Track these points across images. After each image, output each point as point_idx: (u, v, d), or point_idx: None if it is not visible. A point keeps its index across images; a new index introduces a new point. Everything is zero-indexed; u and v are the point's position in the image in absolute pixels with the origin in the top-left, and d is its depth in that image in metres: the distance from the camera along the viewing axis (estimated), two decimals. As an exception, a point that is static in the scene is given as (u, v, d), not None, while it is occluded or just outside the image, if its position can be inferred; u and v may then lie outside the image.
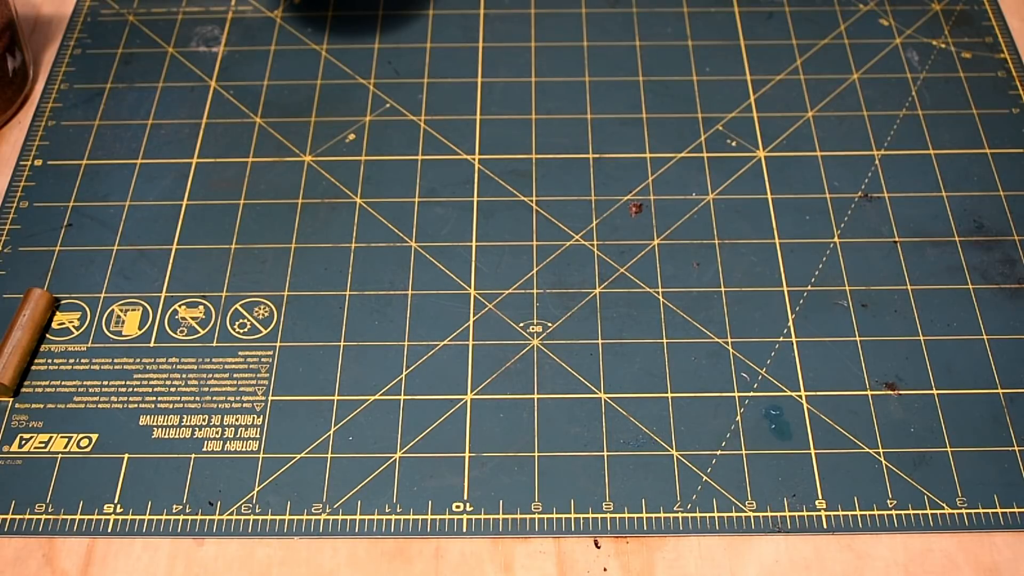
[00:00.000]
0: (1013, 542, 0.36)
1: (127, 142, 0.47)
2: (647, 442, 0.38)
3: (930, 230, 0.44)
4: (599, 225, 0.44)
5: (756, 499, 0.37)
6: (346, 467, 0.38)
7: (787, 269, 0.43)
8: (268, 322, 0.42)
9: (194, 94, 0.49)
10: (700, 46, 0.51)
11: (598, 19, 0.52)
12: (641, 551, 0.36)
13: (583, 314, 0.42)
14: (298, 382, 0.40)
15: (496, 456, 0.38)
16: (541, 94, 0.49)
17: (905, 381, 0.40)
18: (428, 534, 0.36)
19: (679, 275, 0.43)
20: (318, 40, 0.51)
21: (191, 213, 0.45)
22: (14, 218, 0.45)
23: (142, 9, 0.53)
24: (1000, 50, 0.51)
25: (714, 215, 0.45)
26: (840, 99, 0.49)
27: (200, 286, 0.43)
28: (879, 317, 0.41)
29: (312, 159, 0.47)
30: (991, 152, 0.47)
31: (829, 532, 0.36)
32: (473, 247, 0.44)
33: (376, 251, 0.44)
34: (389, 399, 0.39)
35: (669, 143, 0.47)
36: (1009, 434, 0.38)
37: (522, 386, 0.40)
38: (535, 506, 0.37)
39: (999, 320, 0.41)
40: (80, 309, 0.42)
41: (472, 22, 0.52)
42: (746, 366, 0.40)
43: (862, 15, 0.52)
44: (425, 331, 0.41)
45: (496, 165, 0.46)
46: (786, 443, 0.38)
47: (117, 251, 0.44)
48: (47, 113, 0.48)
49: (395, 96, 0.49)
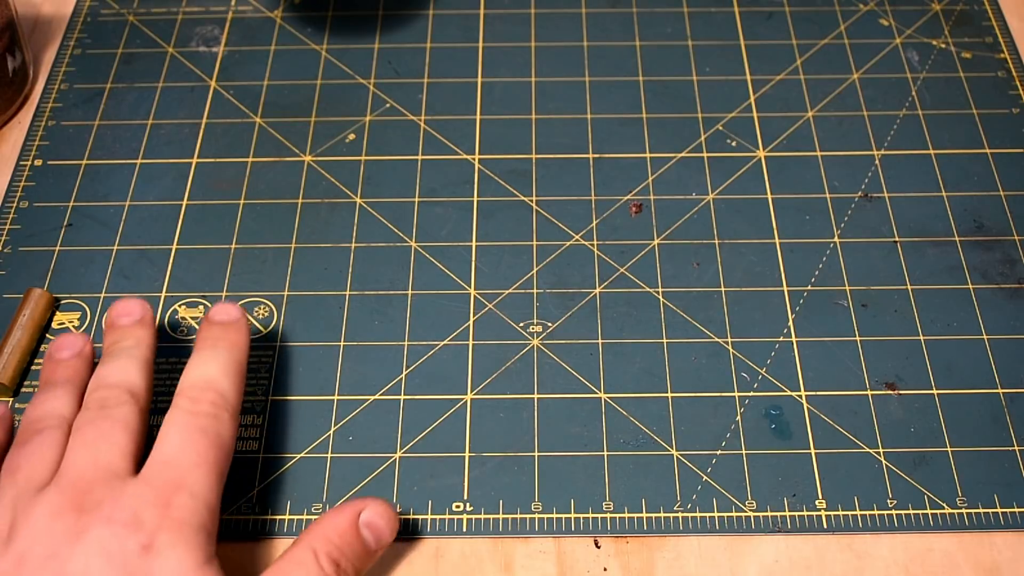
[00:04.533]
0: (1013, 542, 0.36)
1: (127, 142, 0.47)
2: (647, 442, 0.38)
3: (930, 230, 0.44)
4: (599, 225, 0.44)
5: (756, 499, 0.37)
6: (346, 467, 0.38)
7: (787, 269, 0.43)
8: (268, 322, 0.42)
9: (194, 94, 0.49)
10: (700, 46, 0.51)
11: (598, 19, 0.52)
12: (641, 551, 0.36)
13: (583, 314, 0.42)
14: (298, 382, 0.40)
15: (496, 456, 0.38)
16: (541, 94, 0.49)
17: (905, 381, 0.40)
18: (428, 534, 0.36)
19: (679, 275, 0.43)
20: (318, 40, 0.51)
21: (191, 213, 0.45)
22: (14, 218, 0.45)
23: (142, 9, 0.53)
24: (1000, 50, 0.51)
25: (714, 215, 0.45)
26: (840, 99, 0.49)
27: (200, 286, 0.43)
28: (879, 317, 0.41)
29: (312, 159, 0.47)
30: (991, 152, 0.47)
31: (829, 532, 0.36)
32: (473, 247, 0.44)
33: (376, 251, 0.44)
34: (389, 399, 0.39)
35: (669, 143, 0.47)
36: (1009, 434, 0.38)
37: (522, 386, 0.40)
38: (535, 506, 0.37)
39: (999, 320, 0.41)
40: (80, 309, 0.42)
41: (472, 22, 0.52)
42: (746, 366, 0.40)
43: (862, 15, 0.52)
44: (425, 331, 0.41)
45: (496, 165, 0.46)
46: (786, 443, 0.38)
47: (117, 251, 0.44)
48: (47, 113, 0.48)
49: (395, 96, 0.49)
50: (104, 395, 0.34)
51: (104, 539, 0.30)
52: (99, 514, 0.30)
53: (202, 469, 0.32)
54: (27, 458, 0.32)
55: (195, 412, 0.33)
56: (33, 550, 0.30)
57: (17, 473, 0.32)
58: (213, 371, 0.34)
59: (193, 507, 0.31)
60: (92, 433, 0.32)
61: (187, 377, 0.34)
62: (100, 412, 0.33)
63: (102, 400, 0.33)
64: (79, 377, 0.36)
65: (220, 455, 0.32)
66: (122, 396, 0.33)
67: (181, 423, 0.33)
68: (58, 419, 0.34)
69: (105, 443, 0.32)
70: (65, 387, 0.35)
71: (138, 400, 0.34)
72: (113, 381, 0.34)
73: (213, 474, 0.32)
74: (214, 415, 0.33)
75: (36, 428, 0.33)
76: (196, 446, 0.32)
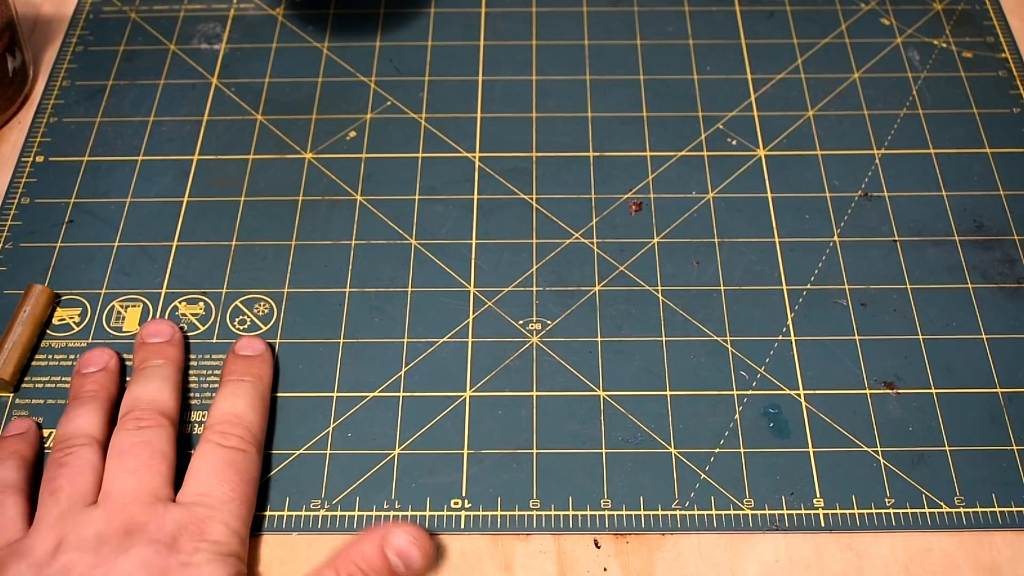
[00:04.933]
0: (1013, 541, 0.36)
1: (128, 139, 0.47)
2: (646, 440, 0.38)
3: (930, 229, 0.44)
4: (599, 223, 0.44)
5: (754, 497, 0.37)
6: (345, 463, 0.38)
7: (787, 268, 0.43)
8: (268, 319, 0.42)
9: (195, 91, 0.49)
10: (701, 45, 0.51)
11: (599, 17, 0.52)
12: (641, 551, 0.36)
13: (582, 312, 0.42)
14: (297, 378, 0.40)
15: (495, 453, 0.38)
16: (542, 92, 0.49)
17: (904, 380, 0.40)
18: (427, 530, 0.36)
19: (679, 273, 0.43)
20: (319, 38, 0.52)
21: (192, 210, 0.45)
22: (15, 214, 0.45)
23: (144, 6, 0.53)
24: (1001, 50, 0.51)
25: (714, 213, 0.45)
26: (841, 98, 0.49)
27: (200, 283, 0.43)
28: (878, 316, 0.41)
29: (313, 156, 0.47)
30: (991, 152, 0.47)
31: (827, 530, 0.36)
32: (473, 245, 0.44)
33: (376, 248, 0.44)
34: (388, 396, 0.39)
35: (669, 141, 0.47)
36: (1008, 433, 0.38)
37: (521, 383, 0.40)
38: (533, 503, 0.37)
39: (998, 320, 0.41)
40: (80, 305, 0.42)
41: (473, 20, 0.52)
42: (745, 364, 0.40)
43: (863, 14, 0.52)
44: (424, 328, 0.41)
45: (496, 163, 0.46)
46: (784, 441, 0.38)
47: (118, 247, 0.44)
48: (49, 110, 0.49)
49: (396, 94, 0.49)
50: (140, 416, 0.36)
51: (147, 555, 0.32)
52: (143, 535, 0.32)
53: (235, 503, 0.34)
54: (68, 479, 0.34)
55: (226, 447, 0.35)
56: (82, 560, 0.32)
57: (59, 493, 0.34)
58: (241, 407, 0.37)
59: (228, 535, 0.33)
60: (134, 462, 0.35)
61: (217, 410, 0.37)
62: (138, 436, 0.35)
63: (138, 421, 0.36)
64: (106, 392, 0.38)
65: (249, 490, 0.35)
66: (158, 419, 0.36)
67: (213, 457, 0.35)
68: (89, 438, 0.36)
69: (148, 472, 0.34)
70: (93, 404, 0.37)
71: (172, 422, 0.37)
72: (147, 402, 0.37)
73: (244, 506, 0.35)
74: (243, 451, 0.36)
75: (69, 446, 0.35)
76: (230, 481, 0.35)
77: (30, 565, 0.32)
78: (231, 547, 0.33)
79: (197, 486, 0.34)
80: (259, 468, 0.36)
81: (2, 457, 0.36)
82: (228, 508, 0.34)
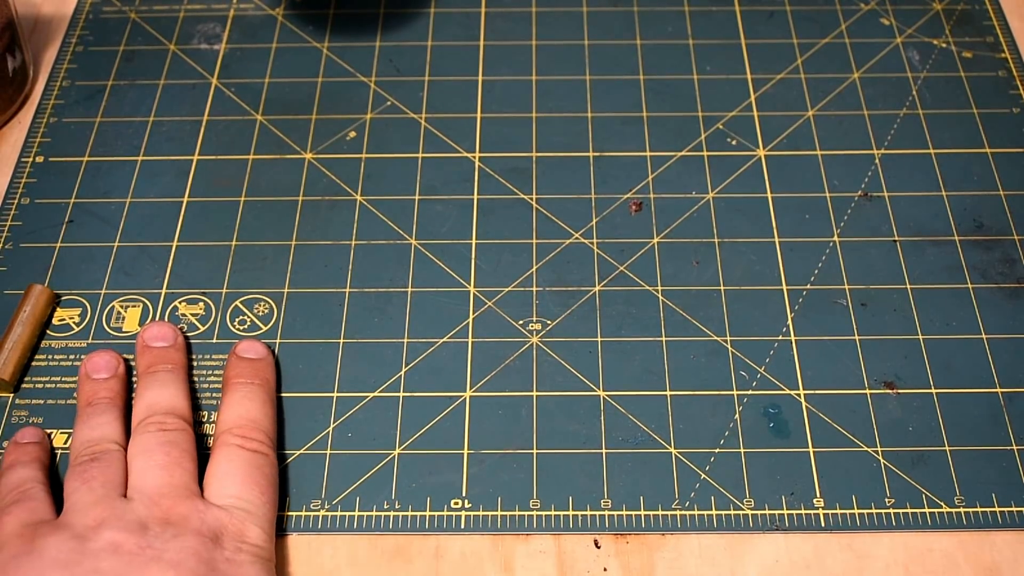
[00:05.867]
0: (1013, 541, 0.36)
1: (128, 139, 0.47)
2: (646, 440, 0.38)
3: (930, 229, 0.44)
4: (599, 223, 0.44)
5: (754, 497, 0.37)
6: (345, 463, 0.38)
7: (786, 268, 0.43)
8: (268, 319, 0.42)
9: (195, 91, 0.49)
10: (701, 45, 0.51)
11: (599, 17, 0.52)
12: (641, 551, 0.36)
13: (582, 312, 0.42)
14: (297, 379, 0.40)
15: (495, 453, 0.38)
16: (542, 92, 0.49)
17: (904, 380, 0.40)
18: (427, 531, 0.36)
19: (679, 273, 0.43)
20: (319, 38, 0.52)
21: (192, 210, 0.45)
22: (15, 214, 0.45)
23: (144, 6, 0.53)
24: (1001, 50, 0.51)
25: (714, 213, 0.45)
26: (840, 98, 0.49)
27: (200, 283, 0.43)
28: (878, 316, 0.41)
29: (313, 156, 0.47)
30: (991, 152, 0.47)
31: (827, 530, 0.36)
32: (473, 245, 0.44)
33: (376, 248, 0.44)
34: (388, 396, 0.39)
35: (669, 142, 0.47)
36: (1008, 433, 0.38)
37: (521, 383, 0.40)
38: (533, 503, 0.37)
39: (998, 319, 0.41)
40: (80, 305, 0.42)
41: (473, 20, 0.52)
42: (745, 364, 0.40)
43: (863, 14, 0.52)
44: (424, 328, 0.41)
45: (496, 163, 0.46)
46: (784, 441, 0.38)
47: (118, 247, 0.44)
48: (49, 110, 0.49)
49: (396, 94, 0.49)
50: (162, 420, 0.36)
51: (196, 544, 0.32)
52: (187, 526, 0.33)
53: (267, 507, 0.35)
54: (100, 470, 0.34)
55: (250, 450, 0.36)
56: (129, 540, 0.32)
57: (93, 481, 0.34)
58: (256, 410, 0.37)
59: (264, 540, 0.34)
60: (164, 459, 0.35)
61: (231, 414, 0.37)
62: (164, 437, 0.35)
63: (161, 425, 0.36)
64: (121, 399, 0.38)
65: (275, 494, 0.36)
66: (178, 423, 0.36)
67: (239, 460, 0.35)
68: (113, 443, 0.36)
69: (179, 469, 0.35)
70: (112, 411, 0.37)
71: (190, 425, 0.37)
72: (165, 408, 0.37)
73: (274, 511, 0.35)
74: (265, 454, 0.36)
75: (94, 451, 0.35)
76: (259, 485, 0.35)
77: (72, 536, 0.32)
78: (268, 551, 0.34)
79: (227, 488, 0.34)
80: (277, 469, 0.36)
81: (25, 460, 0.36)
82: (262, 512, 0.34)
